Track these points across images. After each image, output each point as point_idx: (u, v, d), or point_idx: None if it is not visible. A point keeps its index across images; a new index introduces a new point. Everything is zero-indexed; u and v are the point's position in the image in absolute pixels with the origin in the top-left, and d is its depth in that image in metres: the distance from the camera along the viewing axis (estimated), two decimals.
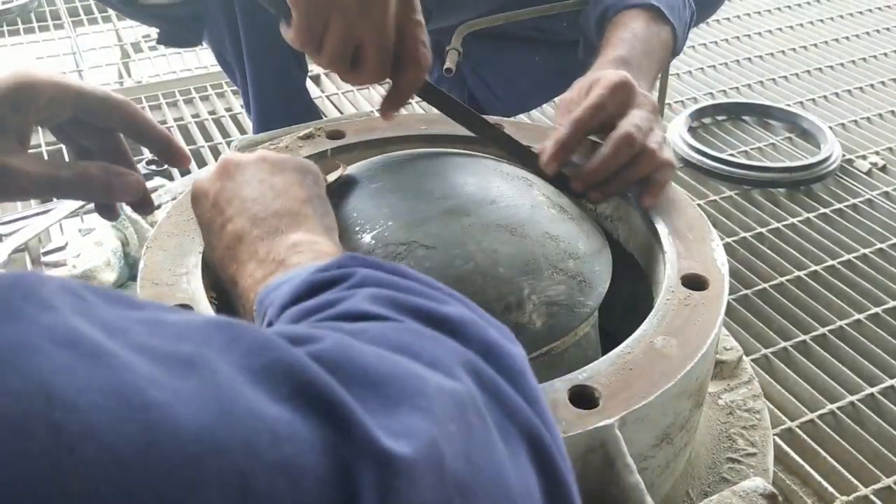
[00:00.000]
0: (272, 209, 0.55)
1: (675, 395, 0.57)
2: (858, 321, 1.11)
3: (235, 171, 0.58)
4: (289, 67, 1.27)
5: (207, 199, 0.58)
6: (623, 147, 0.71)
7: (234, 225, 0.55)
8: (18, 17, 2.02)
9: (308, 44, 0.66)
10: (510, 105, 1.38)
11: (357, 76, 0.68)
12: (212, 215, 0.57)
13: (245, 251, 0.53)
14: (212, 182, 0.58)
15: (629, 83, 0.75)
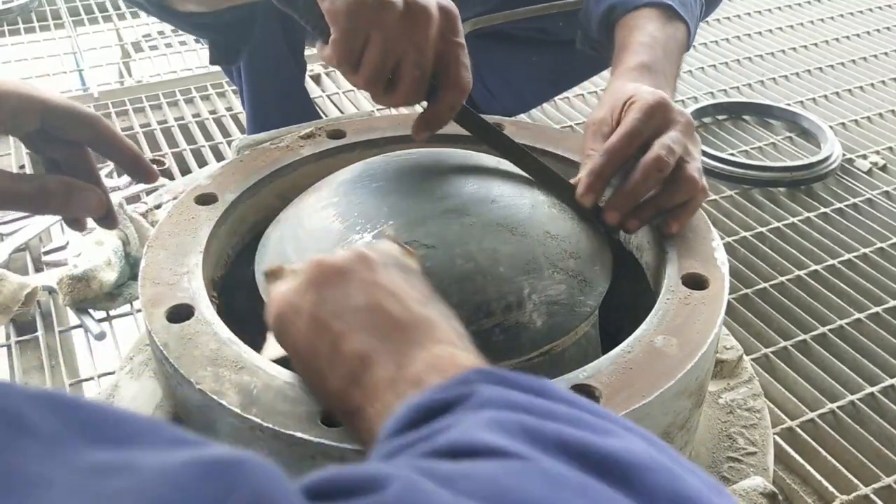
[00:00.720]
0: (395, 318, 0.47)
1: (675, 394, 0.57)
2: (859, 320, 1.11)
3: (334, 276, 0.50)
4: (286, 65, 1.27)
5: (301, 315, 0.49)
6: (652, 172, 0.68)
7: (353, 343, 0.46)
8: (19, 17, 2.02)
9: (346, 62, 0.65)
10: (509, 105, 1.38)
11: (392, 97, 0.67)
12: (315, 335, 0.48)
13: (374, 375, 0.44)
14: (303, 294, 0.50)
15: (665, 104, 0.71)
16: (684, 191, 0.69)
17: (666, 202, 0.69)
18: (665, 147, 0.68)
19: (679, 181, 0.69)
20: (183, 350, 0.58)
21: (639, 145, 0.70)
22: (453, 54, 0.67)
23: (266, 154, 0.80)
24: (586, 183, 0.69)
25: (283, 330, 0.51)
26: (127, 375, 0.67)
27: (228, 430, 0.55)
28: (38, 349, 1.10)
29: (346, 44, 0.64)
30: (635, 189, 0.68)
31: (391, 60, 0.65)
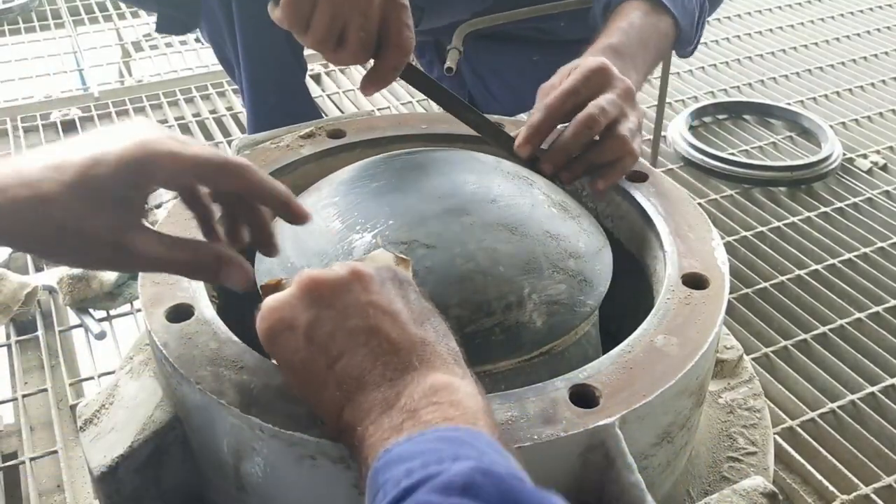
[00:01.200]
0: (392, 340, 0.48)
1: (676, 393, 0.57)
2: (859, 320, 1.11)
3: (330, 295, 0.50)
4: (286, 64, 1.27)
5: (296, 332, 0.49)
6: (582, 129, 0.72)
7: (348, 365, 0.47)
8: (19, 17, 2.02)
9: (295, 23, 0.68)
10: (509, 105, 1.38)
11: (340, 56, 0.70)
12: (309, 354, 0.49)
13: (368, 396, 0.46)
14: (299, 311, 0.50)
15: (605, 68, 0.75)
16: (613, 150, 0.73)
17: (595, 158, 0.74)
18: (598, 107, 0.72)
19: (609, 140, 0.73)
20: (183, 350, 0.58)
21: (575, 103, 0.74)
22: (396, 15, 0.69)
23: (266, 154, 0.80)
24: (524, 136, 0.75)
25: (274, 343, 0.50)
26: (127, 375, 0.67)
27: (228, 430, 0.55)
28: (39, 348, 1.10)
29: (295, 6, 0.67)
30: (566, 144, 0.73)
31: (338, 23, 0.68)
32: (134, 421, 0.61)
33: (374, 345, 0.47)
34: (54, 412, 1.00)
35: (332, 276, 0.50)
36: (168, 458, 0.61)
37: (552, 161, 0.74)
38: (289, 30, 0.69)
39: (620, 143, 0.73)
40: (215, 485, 0.62)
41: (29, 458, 0.94)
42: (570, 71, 0.77)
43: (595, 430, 0.52)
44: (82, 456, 0.78)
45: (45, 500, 0.91)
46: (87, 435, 0.63)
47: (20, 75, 1.77)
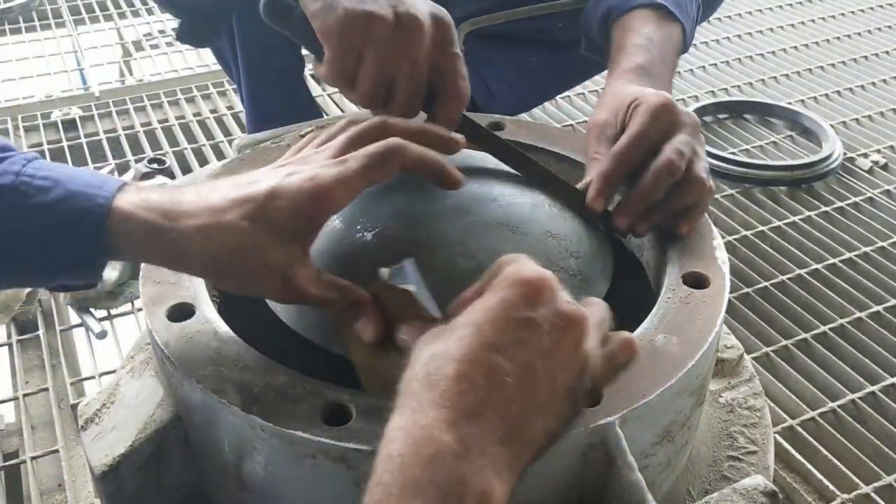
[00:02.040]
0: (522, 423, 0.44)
1: (676, 393, 0.57)
2: (860, 319, 1.11)
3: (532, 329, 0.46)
4: (285, 60, 1.26)
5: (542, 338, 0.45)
6: (664, 176, 0.67)
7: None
8: (20, 16, 2.02)
9: (341, 80, 0.65)
10: (508, 105, 1.38)
11: (391, 111, 0.67)
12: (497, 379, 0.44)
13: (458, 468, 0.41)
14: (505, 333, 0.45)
15: (671, 106, 0.71)
16: (693, 193, 0.69)
17: (676, 205, 0.69)
18: (676, 151, 0.68)
19: (688, 183, 0.68)
20: (184, 349, 0.58)
21: (647, 148, 0.69)
22: (449, 64, 0.66)
23: (267, 153, 0.80)
24: (597, 188, 0.69)
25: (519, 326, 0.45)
26: (128, 374, 0.67)
27: (229, 429, 0.55)
28: (40, 348, 1.10)
29: (340, 62, 0.64)
30: (646, 193, 0.68)
31: (386, 76, 0.64)
32: (135, 420, 0.61)
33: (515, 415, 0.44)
34: (55, 411, 1.00)
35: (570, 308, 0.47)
36: (169, 457, 0.61)
37: (629, 214, 0.68)
38: (334, 86, 0.66)
39: (700, 186, 0.69)
40: (216, 484, 0.62)
41: (30, 457, 0.94)
42: (630, 106, 0.72)
43: (595, 429, 0.52)
44: (83, 455, 0.78)
45: (46, 500, 0.91)
46: (88, 434, 0.63)
47: (21, 75, 1.77)
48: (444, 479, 0.39)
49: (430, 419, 0.41)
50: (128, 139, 1.54)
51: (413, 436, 0.41)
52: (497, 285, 0.47)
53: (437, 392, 0.42)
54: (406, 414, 0.42)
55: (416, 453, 0.40)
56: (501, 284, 0.47)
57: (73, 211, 0.53)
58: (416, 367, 0.45)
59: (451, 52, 0.67)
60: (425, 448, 0.40)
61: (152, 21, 2.04)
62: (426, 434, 0.41)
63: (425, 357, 0.45)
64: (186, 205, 0.54)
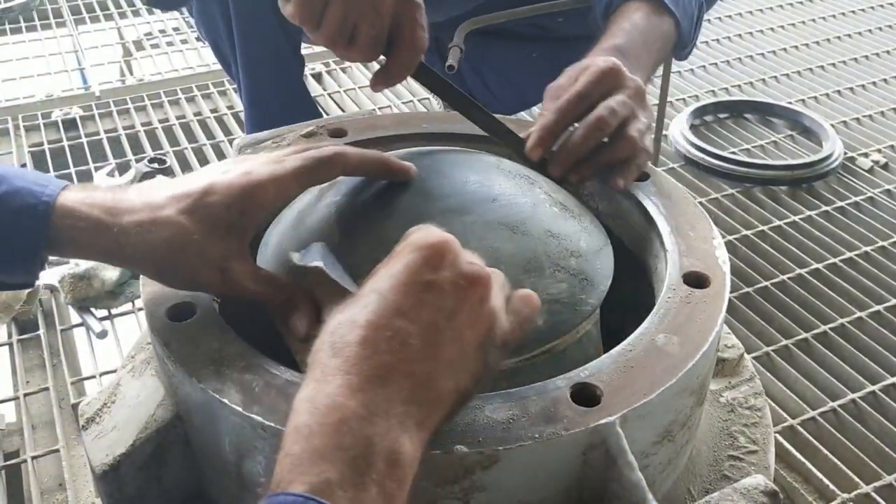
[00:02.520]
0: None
1: (677, 392, 0.57)
2: (860, 319, 1.11)
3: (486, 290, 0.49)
4: (283, 58, 1.26)
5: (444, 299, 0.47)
6: (593, 130, 0.72)
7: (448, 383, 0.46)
8: (21, 16, 2.02)
9: (307, 20, 0.68)
10: (509, 103, 1.38)
11: (351, 54, 0.70)
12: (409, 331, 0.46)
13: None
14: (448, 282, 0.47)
15: (616, 69, 0.75)
16: (623, 150, 0.73)
17: (606, 158, 0.74)
18: (608, 108, 0.73)
19: (620, 139, 0.73)
20: (184, 348, 0.58)
21: (587, 106, 0.74)
22: (409, 14, 0.70)
23: (268, 152, 0.80)
24: (535, 138, 0.74)
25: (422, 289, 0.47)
26: (129, 374, 0.67)
27: (230, 429, 0.55)
28: (40, 347, 1.10)
29: (307, 2, 0.67)
30: (576, 146, 0.73)
31: (350, 20, 0.68)
32: (135, 419, 0.61)
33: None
34: (56, 411, 1.00)
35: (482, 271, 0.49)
36: (170, 456, 0.61)
37: (561, 164, 0.74)
38: (300, 25, 0.69)
39: (630, 144, 0.73)
40: (217, 483, 0.62)
41: (31, 456, 0.94)
42: (580, 71, 0.77)
43: (596, 428, 0.52)
44: (84, 454, 0.78)
45: (47, 499, 0.91)
46: (88, 433, 0.63)
47: (21, 74, 1.77)
48: (350, 443, 0.41)
49: (334, 387, 0.43)
50: (128, 139, 1.54)
51: (318, 405, 0.42)
52: (400, 252, 0.49)
53: (342, 359, 0.44)
54: (311, 385, 0.44)
55: (321, 422, 0.42)
56: (405, 250, 0.49)
57: (19, 206, 0.55)
58: (323, 336, 0.46)
59: (413, 2, 0.70)
60: (330, 416, 0.42)
61: (153, 21, 2.04)
62: (330, 402, 0.42)
63: (331, 327, 0.46)
64: (128, 202, 0.57)
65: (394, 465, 0.42)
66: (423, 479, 0.50)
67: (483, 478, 0.51)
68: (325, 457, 0.40)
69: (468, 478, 0.51)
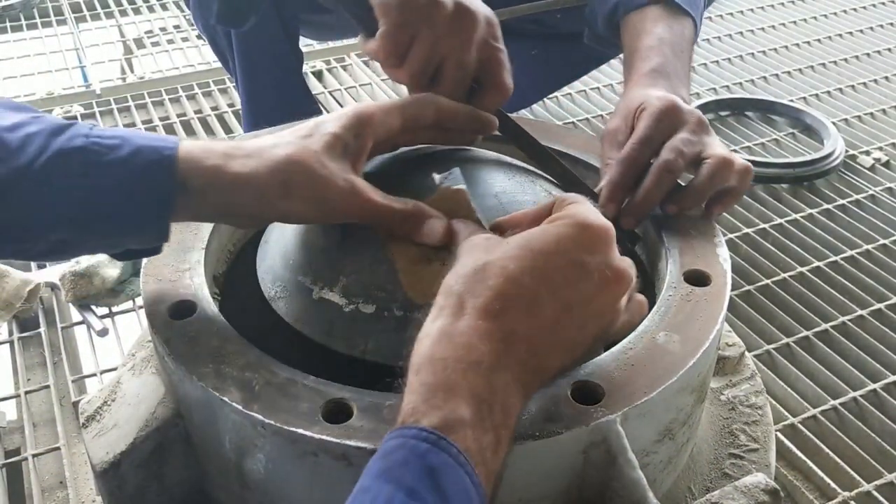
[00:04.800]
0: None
1: (678, 390, 0.57)
2: (861, 317, 1.11)
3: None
4: (282, 54, 1.26)
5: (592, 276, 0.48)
6: (663, 174, 0.70)
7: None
8: (21, 13, 2.02)
9: (392, 56, 0.67)
10: (511, 101, 1.38)
11: (434, 93, 0.69)
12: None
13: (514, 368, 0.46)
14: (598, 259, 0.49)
15: (673, 107, 0.73)
16: (720, 175, 0.71)
17: (703, 187, 0.71)
18: (674, 149, 0.71)
19: (706, 165, 0.71)
20: (185, 346, 0.58)
21: (652, 151, 0.72)
22: (496, 58, 0.69)
23: None
24: (606, 194, 0.72)
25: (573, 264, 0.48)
26: (129, 372, 0.68)
27: (230, 427, 0.55)
28: (41, 345, 1.10)
29: (395, 38, 0.66)
30: (648, 194, 0.70)
31: (436, 58, 0.67)
32: (136, 417, 0.61)
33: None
34: (57, 409, 1.00)
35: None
36: (170, 454, 0.61)
37: (633, 215, 0.71)
38: (383, 62, 0.68)
39: (724, 164, 0.71)
40: (217, 481, 0.62)
41: (31, 454, 0.94)
42: (636, 111, 0.75)
43: (597, 426, 0.52)
44: (85, 452, 0.78)
45: (48, 497, 0.91)
46: (89, 431, 0.63)
47: (22, 72, 1.77)
48: (481, 387, 0.43)
49: (468, 326, 0.45)
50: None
51: (454, 341, 0.44)
52: (559, 219, 0.49)
53: (480, 300, 0.45)
54: (446, 315, 0.46)
55: (456, 358, 0.44)
56: (564, 220, 0.49)
57: (145, 163, 0.55)
58: (464, 270, 0.47)
59: (499, 46, 0.70)
60: (466, 355, 0.44)
61: (153, 18, 2.04)
62: (466, 341, 0.44)
63: (474, 263, 0.47)
64: (247, 140, 0.60)
65: (507, 415, 0.44)
66: None
67: None
68: (458, 394, 0.42)
69: None
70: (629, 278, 0.50)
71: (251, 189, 0.57)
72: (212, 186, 0.57)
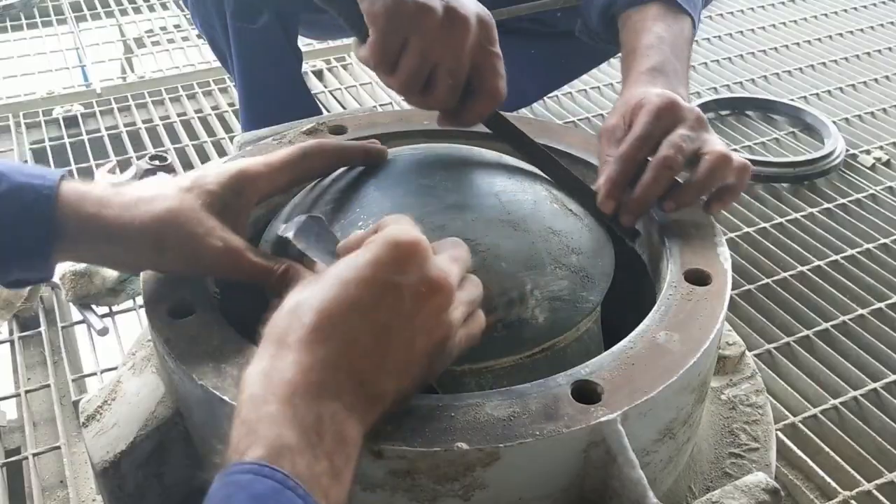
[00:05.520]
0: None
1: (678, 390, 0.57)
2: (861, 316, 1.11)
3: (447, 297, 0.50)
4: (281, 52, 1.26)
5: (399, 299, 0.47)
6: (662, 170, 0.69)
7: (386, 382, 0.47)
8: (21, 13, 2.02)
9: (383, 63, 0.66)
10: (509, 100, 1.38)
11: (426, 101, 0.69)
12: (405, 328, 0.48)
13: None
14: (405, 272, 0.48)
15: (672, 104, 0.72)
16: (719, 171, 0.70)
17: (706, 182, 0.70)
18: (673, 145, 0.69)
19: (704, 161, 0.70)
20: (185, 346, 0.58)
21: (650, 148, 0.71)
22: (489, 63, 0.68)
23: (268, 150, 0.80)
24: (604, 191, 0.71)
25: (371, 300, 0.47)
26: (129, 371, 0.67)
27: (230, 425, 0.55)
28: (41, 345, 1.10)
29: (384, 46, 0.65)
30: (646, 190, 0.70)
31: (427, 66, 0.66)
32: (136, 417, 0.61)
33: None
34: (57, 408, 1.00)
35: (440, 272, 0.49)
36: (170, 453, 0.61)
37: (632, 212, 0.71)
38: (374, 69, 0.68)
39: (722, 161, 0.70)
40: None
41: (32, 453, 0.94)
42: (633, 110, 0.74)
43: (597, 426, 0.52)
44: (85, 451, 0.78)
45: (48, 496, 0.91)
46: (89, 431, 0.63)
47: (22, 71, 1.77)
48: (303, 414, 0.42)
49: (287, 363, 0.44)
50: (129, 136, 1.54)
51: (271, 378, 0.44)
52: (371, 243, 0.49)
53: (295, 338, 0.45)
54: (265, 359, 0.45)
55: (276, 392, 0.43)
56: (376, 242, 0.49)
57: (21, 205, 0.55)
58: (280, 312, 0.47)
59: (492, 51, 0.68)
60: (284, 388, 0.43)
61: (154, 18, 2.04)
62: (283, 377, 0.44)
63: (290, 304, 0.47)
64: (129, 186, 0.60)
65: (342, 443, 0.43)
66: (423, 476, 0.50)
67: (483, 475, 0.51)
68: (280, 423, 0.42)
69: (469, 475, 0.51)
70: (448, 288, 0.49)
71: (124, 242, 0.57)
72: (85, 234, 0.57)
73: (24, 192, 0.55)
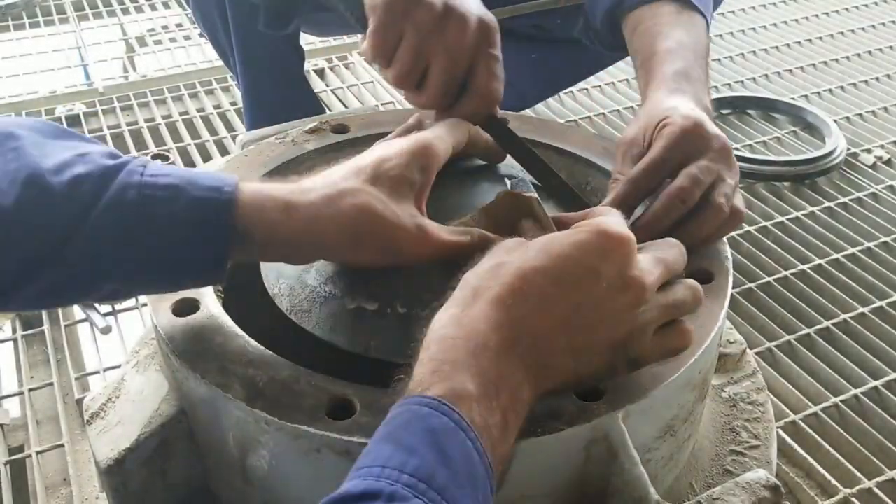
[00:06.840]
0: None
1: (679, 387, 0.57)
2: (862, 315, 1.11)
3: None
4: (283, 51, 1.26)
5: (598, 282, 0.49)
6: (674, 202, 0.65)
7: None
8: (23, 12, 2.02)
9: (379, 54, 0.67)
10: (508, 103, 1.38)
11: (419, 97, 0.68)
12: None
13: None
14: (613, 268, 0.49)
15: (698, 130, 0.67)
16: (711, 219, 0.66)
17: (693, 231, 0.65)
18: (691, 177, 0.65)
19: (705, 209, 0.65)
20: (188, 344, 0.59)
21: (666, 174, 0.67)
22: (486, 64, 0.68)
23: (272, 148, 0.80)
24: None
25: (569, 279, 0.48)
26: (133, 369, 0.68)
27: (234, 423, 0.55)
28: (44, 343, 1.10)
29: (381, 37, 0.66)
30: (654, 220, 0.65)
31: (422, 60, 0.66)
32: (140, 415, 0.61)
33: None
34: (60, 406, 1.00)
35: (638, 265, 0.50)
36: (174, 451, 0.62)
37: (638, 238, 0.68)
38: (372, 62, 0.68)
39: (716, 213, 0.65)
40: (221, 478, 0.62)
41: (35, 451, 0.94)
42: (658, 125, 0.69)
43: (598, 423, 0.52)
44: (89, 449, 0.78)
45: (52, 494, 0.91)
46: (93, 428, 0.63)
47: (24, 70, 1.78)
48: (486, 368, 0.44)
49: (479, 312, 0.46)
50: (131, 135, 1.54)
51: (463, 325, 0.46)
52: (581, 227, 0.50)
53: (492, 294, 0.47)
54: (458, 304, 0.47)
55: (465, 338, 0.45)
56: (585, 228, 0.50)
57: (201, 219, 0.53)
58: (482, 267, 0.49)
59: (490, 53, 0.68)
60: (473, 338, 0.45)
61: (155, 17, 2.04)
62: (475, 326, 0.46)
63: (493, 263, 0.49)
64: (308, 183, 0.57)
65: (517, 401, 0.45)
66: None
67: None
68: (465, 370, 0.44)
69: None
70: (641, 286, 0.49)
71: (318, 242, 0.56)
72: (274, 239, 0.55)
73: (203, 207, 0.53)
